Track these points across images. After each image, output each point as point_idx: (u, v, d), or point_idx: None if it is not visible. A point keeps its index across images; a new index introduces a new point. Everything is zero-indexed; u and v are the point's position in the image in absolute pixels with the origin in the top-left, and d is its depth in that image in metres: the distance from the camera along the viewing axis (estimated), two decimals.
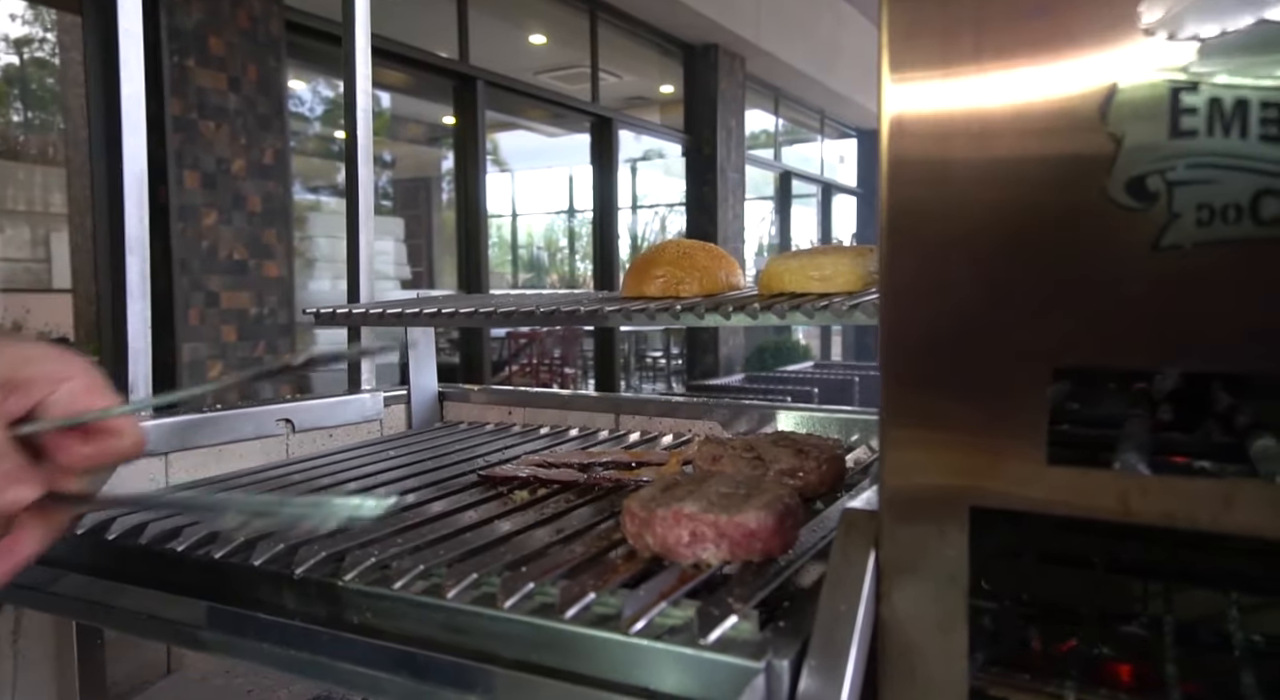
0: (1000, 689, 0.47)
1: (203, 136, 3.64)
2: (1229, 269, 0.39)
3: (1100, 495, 0.42)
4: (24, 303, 7.37)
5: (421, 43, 4.89)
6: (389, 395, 1.09)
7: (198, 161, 3.62)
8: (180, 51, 3.55)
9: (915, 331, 0.46)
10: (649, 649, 0.45)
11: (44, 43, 10.60)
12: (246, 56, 3.81)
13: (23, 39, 9.70)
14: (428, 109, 7.25)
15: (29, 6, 8.80)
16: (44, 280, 9.12)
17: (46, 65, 10.64)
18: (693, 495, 0.56)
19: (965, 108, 0.43)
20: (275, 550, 0.58)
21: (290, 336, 4.10)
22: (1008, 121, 0.42)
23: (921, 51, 0.44)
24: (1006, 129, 0.42)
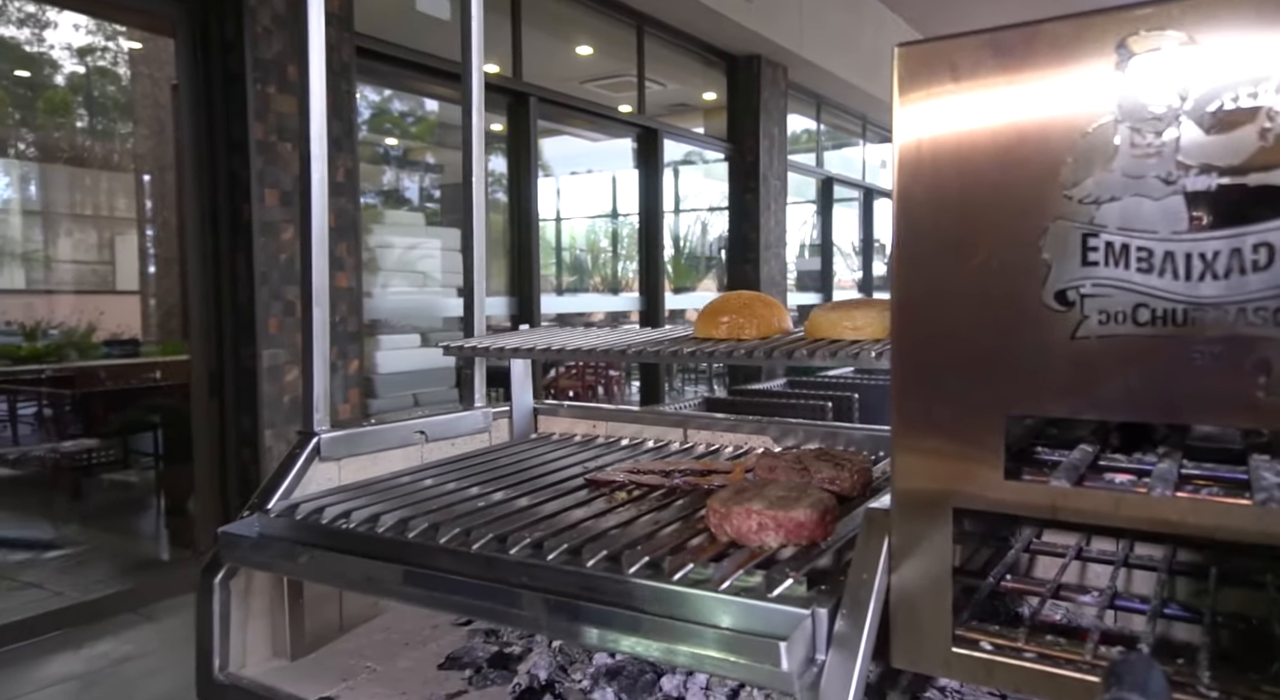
0: (974, 633, 0.67)
1: (281, 158, 3.94)
2: (1118, 354, 0.59)
3: (1037, 500, 0.63)
4: (98, 305, 7.79)
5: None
6: (496, 411, 1.32)
7: (277, 181, 3.92)
8: (262, 80, 3.85)
9: (915, 381, 0.66)
10: (731, 601, 0.67)
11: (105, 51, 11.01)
12: None
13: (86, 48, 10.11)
14: None
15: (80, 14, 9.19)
16: (109, 282, 9.57)
17: (108, 73, 11.05)
18: (758, 496, 0.77)
19: (950, 237, 0.64)
20: (453, 533, 0.81)
21: (359, 343, 4.39)
22: (976, 244, 0.63)
23: (919, 197, 0.65)
24: (980, 247, 0.63)
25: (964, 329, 0.64)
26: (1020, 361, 0.62)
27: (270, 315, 3.92)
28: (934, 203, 0.65)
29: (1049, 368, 0.61)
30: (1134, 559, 0.86)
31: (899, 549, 0.68)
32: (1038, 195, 0.61)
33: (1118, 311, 0.59)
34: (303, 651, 0.98)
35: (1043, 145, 0.60)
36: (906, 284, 0.67)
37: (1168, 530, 0.58)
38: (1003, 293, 0.63)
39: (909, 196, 0.66)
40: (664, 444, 1.23)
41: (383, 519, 0.85)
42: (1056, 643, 0.66)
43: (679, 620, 0.67)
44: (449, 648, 1.00)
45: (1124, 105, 0.58)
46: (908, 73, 0.66)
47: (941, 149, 0.64)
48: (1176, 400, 0.58)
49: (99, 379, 6.34)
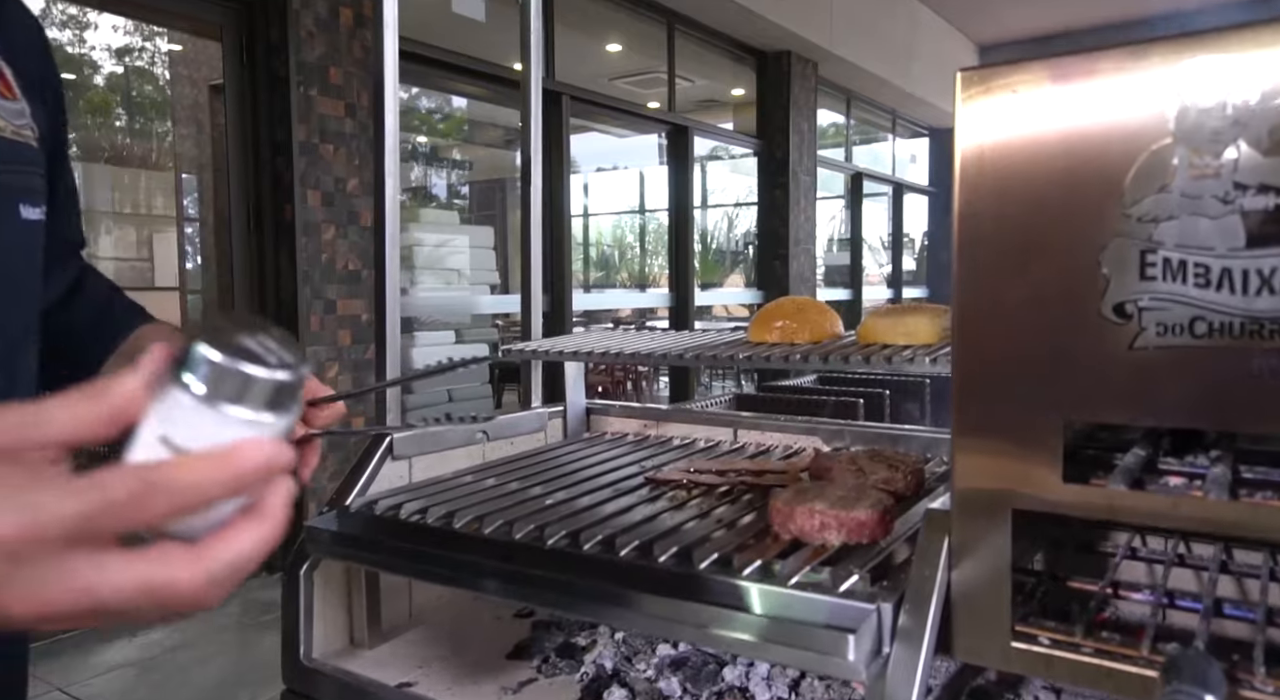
0: (1033, 628, 0.70)
1: (323, 159, 4.02)
2: (1175, 364, 0.62)
3: (1095, 502, 0.66)
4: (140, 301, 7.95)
5: (506, 60, 5.21)
6: (551, 411, 1.36)
7: (318, 182, 4.00)
8: (305, 83, 3.93)
9: (975, 386, 0.70)
10: (799, 596, 0.71)
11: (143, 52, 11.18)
12: (361, 84, 4.17)
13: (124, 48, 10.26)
14: (502, 113, 7.59)
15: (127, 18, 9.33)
16: (147, 278, 9.76)
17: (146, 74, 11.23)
18: (820, 496, 0.81)
19: (1012, 251, 0.67)
20: (528, 529, 0.86)
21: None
22: (1037, 258, 0.66)
23: (982, 213, 0.68)
24: (1041, 260, 0.66)
25: (1024, 337, 0.67)
26: (1079, 369, 0.66)
27: (312, 313, 4.01)
28: (996, 218, 0.68)
29: (1107, 376, 0.64)
30: (1188, 558, 0.89)
31: (959, 547, 0.71)
32: (1098, 213, 0.64)
33: (1175, 324, 0.62)
34: (378, 641, 1.03)
35: (1102, 166, 0.63)
36: (968, 292, 0.70)
37: (1222, 533, 0.61)
38: (1063, 304, 0.66)
39: (972, 210, 0.69)
40: (714, 444, 1.27)
41: (459, 515, 0.90)
42: (1113, 638, 0.69)
43: (750, 613, 0.71)
44: (515, 638, 1.05)
45: (1181, 127, 0.61)
46: (968, 96, 0.69)
47: (1004, 166, 0.67)
48: (1231, 409, 0.61)
49: None
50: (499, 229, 10.04)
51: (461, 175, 8.78)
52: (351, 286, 4.15)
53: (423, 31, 4.64)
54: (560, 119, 5.61)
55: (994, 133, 0.68)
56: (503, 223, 9.89)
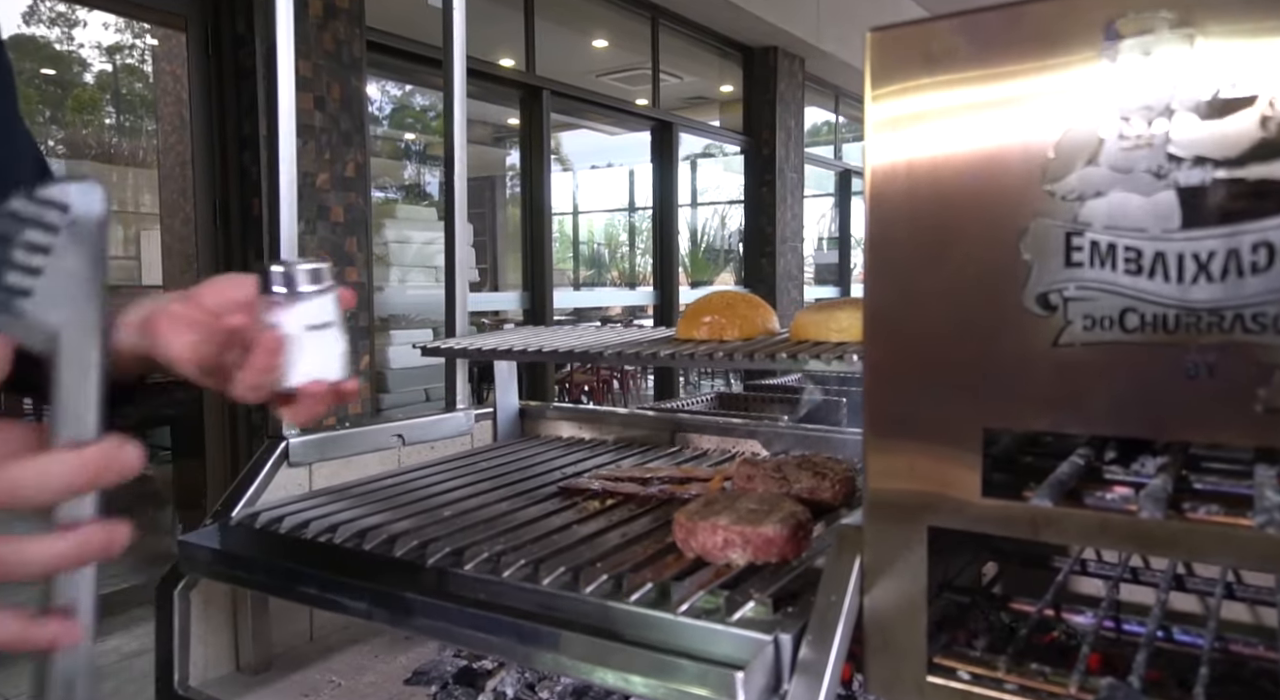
0: (952, 660, 0.63)
1: None
2: (1104, 363, 0.54)
3: (1018, 520, 0.58)
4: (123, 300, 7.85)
5: (489, 54, 5.13)
6: (479, 413, 1.28)
7: None
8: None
9: (887, 391, 0.62)
10: (689, 625, 0.63)
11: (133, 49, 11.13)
12: (331, 77, 4.08)
13: (114, 46, 10.23)
14: (491, 110, 7.50)
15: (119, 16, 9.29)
16: (134, 277, 9.66)
17: (136, 71, 11.19)
18: (726, 510, 0.73)
19: (925, 236, 0.59)
20: (411, 545, 0.77)
21: (369, 338, 4.39)
22: (952, 244, 0.58)
23: (892, 195, 0.60)
24: (956, 244, 0.58)
25: (939, 336, 0.60)
26: (999, 371, 0.58)
27: None
28: (909, 199, 0.60)
29: (1030, 377, 0.56)
30: (1141, 573, 0.81)
31: (872, 568, 0.63)
32: (1018, 191, 0.56)
33: (1104, 316, 0.54)
34: (266, 665, 0.95)
35: (1024, 138, 0.55)
36: (879, 289, 0.62)
37: (1161, 554, 0.53)
38: (980, 296, 0.58)
39: (881, 196, 0.61)
40: (650, 447, 1.19)
41: (341, 529, 0.82)
42: (1040, 672, 0.61)
43: (633, 644, 0.63)
44: (419, 661, 0.97)
45: (1111, 93, 0.53)
46: (880, 62, 0.61)
47: (915, 143, 0.59)
48: (1167, 414, 0.53)
49: None
50: (488, 226, 9.97)
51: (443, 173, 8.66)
52: None
53: (399, 24, 4.56)
54: (541, 114, 5.52)
55: (907, 102, 0.60)
56: (491, 220, 9.81)
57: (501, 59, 5.34)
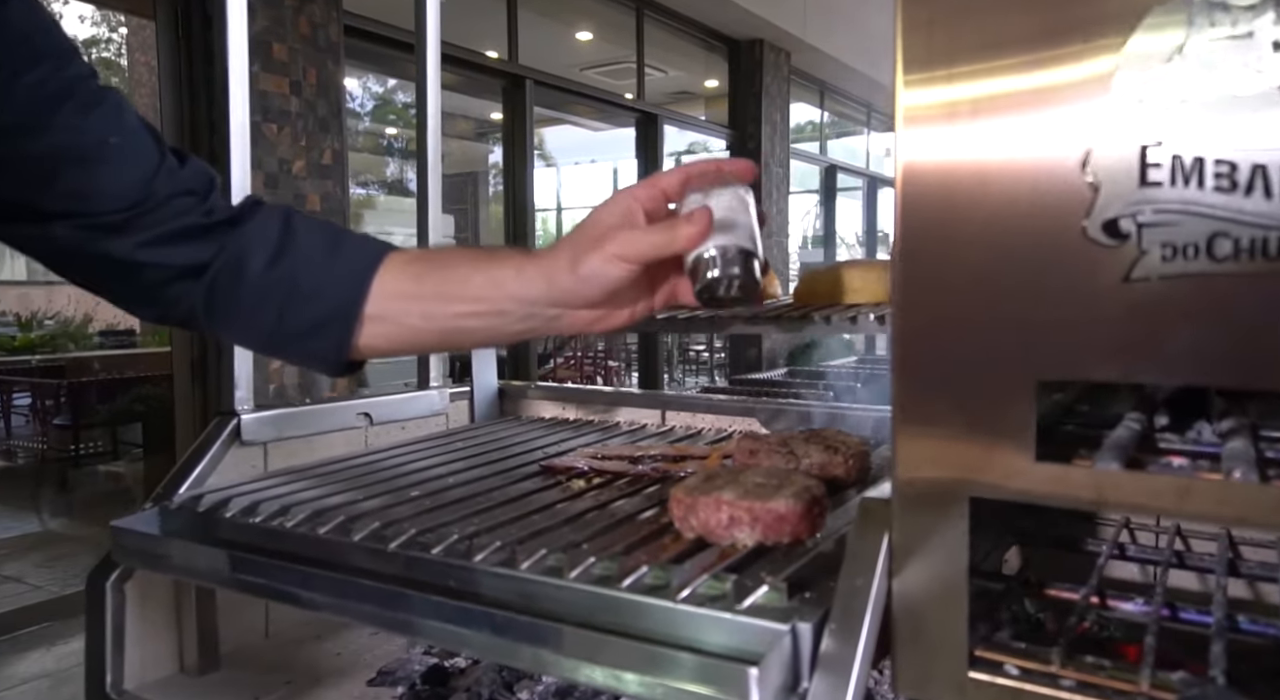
0: (996, 653, 0.54)
1: (266, 138, 3.80)
2: (1187, 299, 0.45)
3: (1079, 487, 0.49)
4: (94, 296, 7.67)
5: (471, 43, 5.02)
6: (454, 392, 1.18)
7: (261, 162, 3.78)
8: None
9: (922, 345, 0.53)
10: (693, 613, 0.54)
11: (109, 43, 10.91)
12: (307, 61, 3.97)
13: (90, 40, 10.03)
14: (475, 105, 7.39)
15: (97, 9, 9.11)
16: None
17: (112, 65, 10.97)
18: (730, 485, 0.64)
19: (965, 158, 0.50)
20: (371, 528, 0.68)
21: None
22: (1002, 169, 0.50)
23: (928, 109, 0.51)
24: (1001, 175, 0.50)
25: (983, 277, 0.51)
26: (1057, 314, 0.49)
27: None
28: (946, 115, 0.51)
29: (1095, 319, 0.48)
30: (1188, 557, 0.73)
31: (902, 548, 0.55)
32: (1082, 96, 0.47)
33: (1187, 244, 0.45)
34: (214, 665, 0.85)
35: (1090, 30, 0.47)
36: (913, 223, 0.53)
37: (1257, 526, 0.45)
38: (1034, 229, 0.49)
39: (914, 117, 0.53)
40: (639, 427, 1.10)
41: (294, 512, 0.72)
42: (1099, 666, 0.52)
43: (627, 637, 0.54)
44: (386, 659, 0.87)
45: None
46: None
47: (958, 32, 0.50)
48: (1265, 358, 0.44)
49: (91, 369, 6.23)
50: (470, 222, 9.83)
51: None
52: None
53: (379, 9, 4.44)
54: (525, 104, 5.42)
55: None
56: (474, 216, 9.67)
57: (484, 50, 5.23)
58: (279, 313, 0.67)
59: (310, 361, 0.71)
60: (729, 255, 0.64)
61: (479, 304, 0.67)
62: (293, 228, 0.68)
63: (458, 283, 0.67)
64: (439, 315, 0.68)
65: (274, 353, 0.72)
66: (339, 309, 0.67)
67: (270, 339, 0.69)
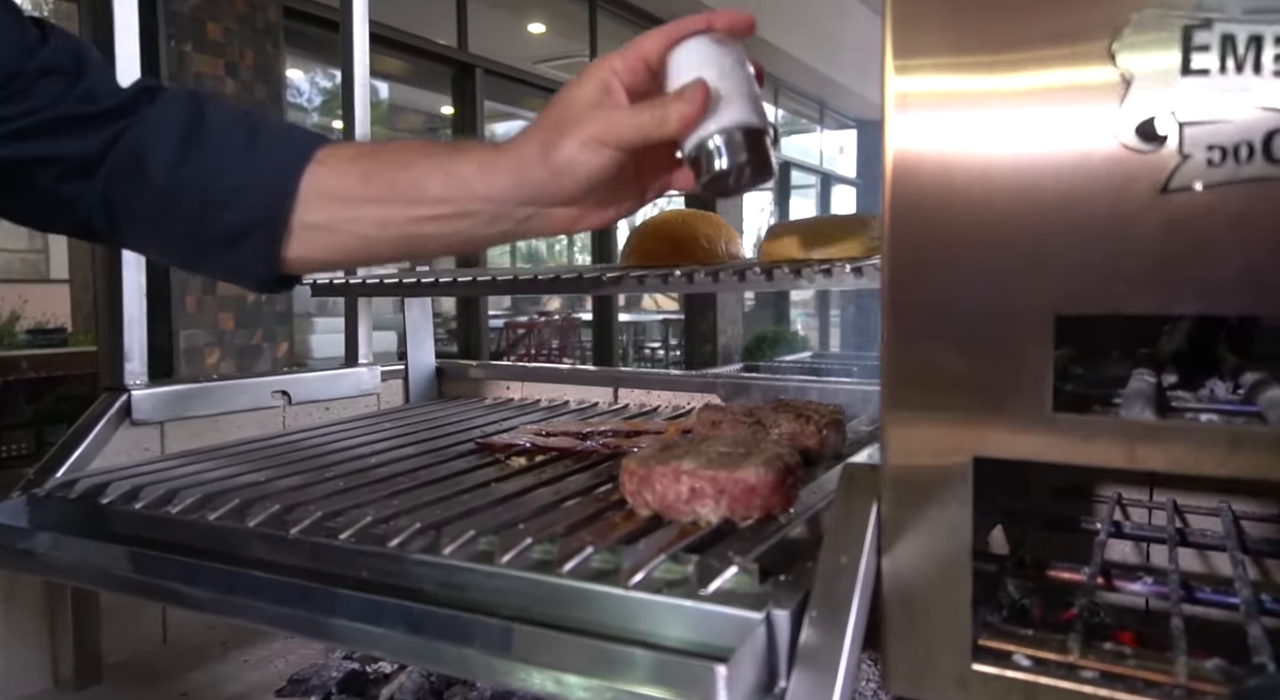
0: (1002, 641, 0.46)
1: None
2: (1238, 210, 0.38)
3: (1106, 442, 0.41)
4: (21, 293, 7.33)
5: (419, 29, 4.87)
6: (386, 370, 1.08)
7: None
8: (177, 36, 3.53)
9: (919, 276, 0.45)
10: (648, 602, 0.45)
11: None
12: (244, 42, 3.79)
13: None
14: (426, 98, 7.21)
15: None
16: (41, 271, 9.06)
17: None
18: (691, 454, 0.55)
19: (972, 42, 0.42)
20: (271, 511, 0.58)
21: (288, 324, 4.10)
22: (1013, 61, 0.42)
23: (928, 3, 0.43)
24: (1012, 67, 0.42)
25: (992, 188, 0.43)
26: (1080, 235, 0.41)
27: (188, 293, 3.61)
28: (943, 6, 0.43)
29: (1125, 240, 0.40)
30: (1189, 534, 0.66)
31: (893, 520, 0.46)
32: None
33: (1239, 144, 0.38)
34: (95, 677, 0.74)
35: None
36: (908, 135, 0.45)
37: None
38: (1050, 132, 0.41)
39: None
40: (589, 405, 1.01)
41: (181, 496, 0.61)
42: (1121, 654, 0.45)
43: (570, 631, 0.45)
44: (301, 665, 0.77)
45: None
46: None
47: None
48: None
49: (19, 368, 5.92)
50: None
51: None
52: None
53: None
54: (475, 95, 5.28)
55: None
56: None
57: (432, 37, 5.08)
58: (193, 217, 0.57)
59: (238, 275, 0.60)
60: (735, 139, 0.55)
61: (440, 206, 0.57)
62: (203, 116, 0.58)
63: (413, 182, 0.57)
64: (394, 221, 0.58)
65: (195, 266, 0.62)
66: (263, 212, 0.57)
67: (186, 249, 0.59)
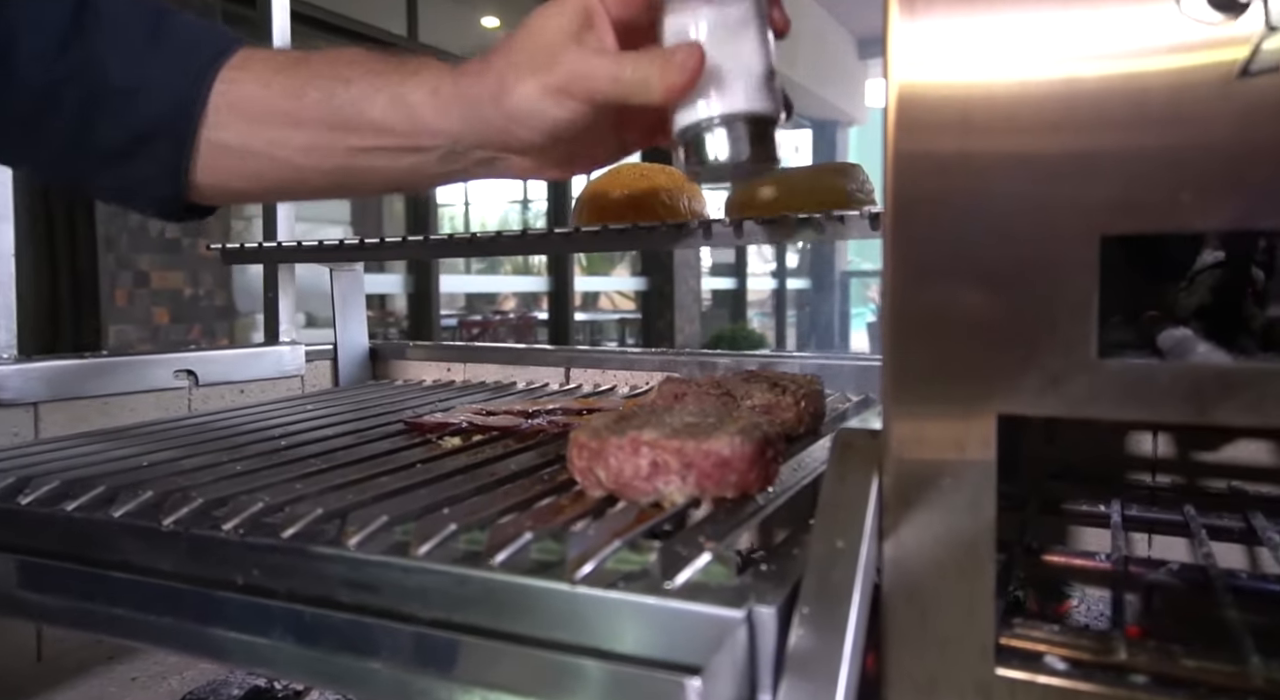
0: (1030, 641, 0.38)
1: None
2: None
3: (1167, 392, 0.33)
4: None
5: (368, 18, 4.72)
6: (312, 349, 0.97)
7: None
8: None
9: (929, 196, 0.37)
10: (600, 599, 0.36)
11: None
12: None
13: None
14: None
15: None
16: None
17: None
18: (652, 424, 0.46)
19: None
20: (142, 499, 0.48)
21: (229, 320, 3.92)
22: None
23: None
24: None
25: (1023, 83, 0.35)
26: (1132, 135, 0.33)
27: (118, 286, 3.42)
28: None
29: (1190, 139, 0.32)
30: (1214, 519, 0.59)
31: (898, 495, 0.38)
32: None
33: None
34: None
35: None
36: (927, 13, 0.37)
37: None
38: (1100, 10, 0.33)
39: None
40: (539, 386, 0.91)
41: (36, 483, 0.51)
42: (1167, 652, 0.37)
43: (503, 638, 0.36)
44: (198, 681, 0.66)
45: None
46: None
47: None
48: None
49: None
50: (374, 215, 9.42)
51: None
52: (170, 256, 3.58)
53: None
54: None
55: None
56: (378, 210, 9.26)
57: (381, 26, 4.93)
58: (74, 123, 0.47)
59: (133, 197, 0.52)
60: (738, 131, 0.45)
61: (385, 136, 0.48)
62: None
63: (352, 104, 0.48)
64: (328, 149, 0.49)
65: (80, 184, 0.52)
66: (162, 120, 0.48)
67: (71, 159, 0.49)
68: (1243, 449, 0.71)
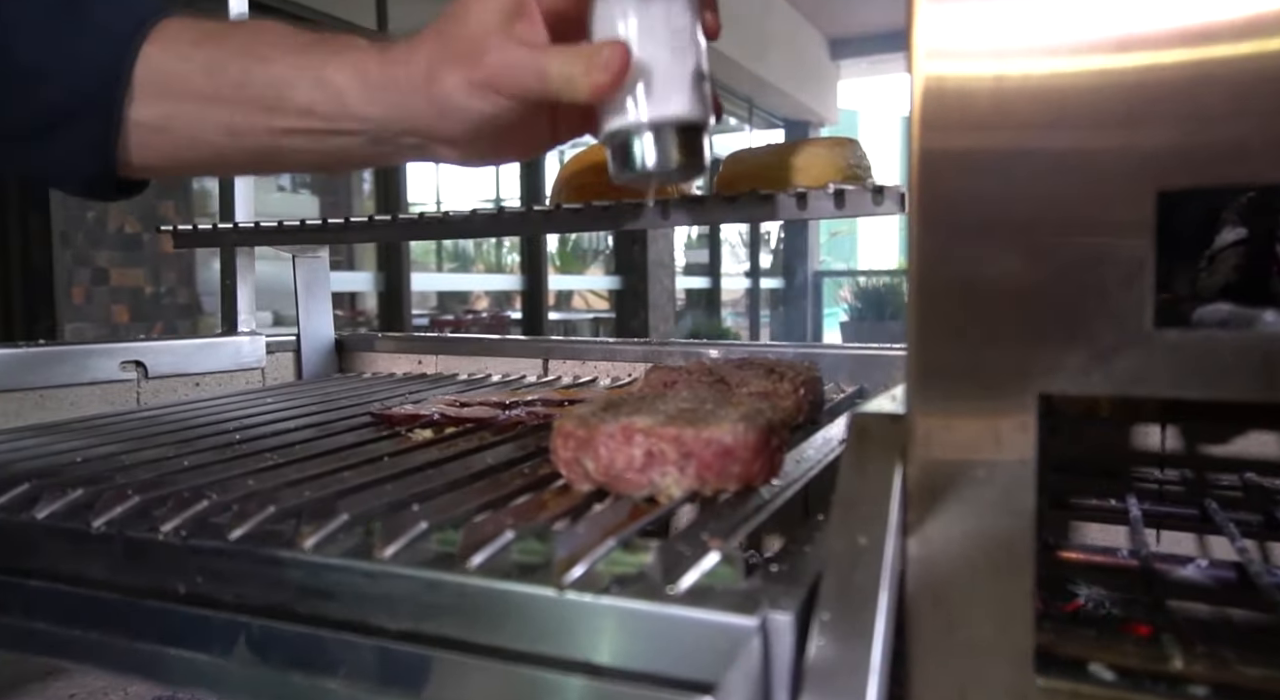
0: (1069, 648, 0.34)
1: None
2: None
3: (1234, 367, 0.30)
4: None
5: (336, 10, 4.63)
6: (273, 340, 0.92)
7: None
8: None
9: (960, 152, 0.33)
10: (591, 606, 0.31)
11: None
12: None
13: None
14: None
15: None
16: None
17: None
18: (645, 410, 0.42)
19: None
20: (70, 498, 0.42)
21: (192, 319, 3.81)
22: None
23: None
24: None
25: (1070, 23, 0.31)
26: (1194, 75, 0.29)
27: (75, 284, 3.31)
28: None
29: (1263, 78, 0.29)
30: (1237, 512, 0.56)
31: (924, 487, 0.34)
32: None
33: None
34: None
35: None
36: None
37: None
38: None
39: None
40: (516, 377, 0.87)
41: None
42: (1221, 660, 0.33)
43: (480, 652, 0.31)
44: (147, 696, 0.61)
45: None
46: None
47: None
48: None
49: None
50: (343, 213, 9.28)
51: None
52: (130, 252, 3.48)
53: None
54: None
55: None
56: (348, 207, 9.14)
57: (351, 19, 4.84)
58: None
59: (65, 177, 0.49)
60: (667, 138, 0.44)
61: (309, 119, 0.45)
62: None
63: (272, 85, 0.45)
64: (248, 129, 0.46)
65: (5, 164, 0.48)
66: (84, 98, 0.44)
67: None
68: (1254, 441, 0.68)
